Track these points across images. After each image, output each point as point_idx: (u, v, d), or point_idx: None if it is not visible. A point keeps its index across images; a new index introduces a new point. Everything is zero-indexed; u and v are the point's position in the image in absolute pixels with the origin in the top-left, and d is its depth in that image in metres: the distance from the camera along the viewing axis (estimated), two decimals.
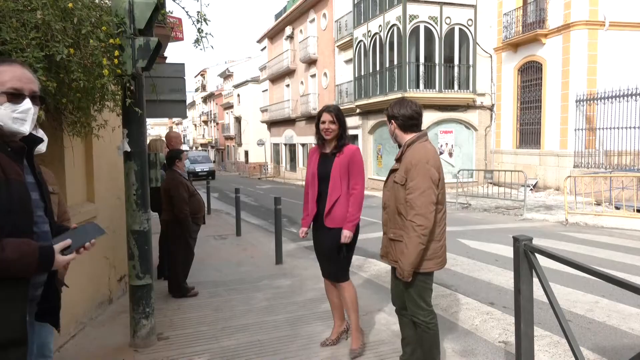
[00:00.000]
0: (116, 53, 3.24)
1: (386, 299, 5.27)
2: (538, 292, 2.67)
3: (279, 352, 3.72)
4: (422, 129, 3.13)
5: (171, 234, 5.33)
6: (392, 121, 3.02)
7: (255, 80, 41.87)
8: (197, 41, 3.81)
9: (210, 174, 34.43)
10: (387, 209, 3.04)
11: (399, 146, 3.06)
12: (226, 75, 50.69)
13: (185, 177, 5.32)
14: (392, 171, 3.02)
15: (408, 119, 2.97)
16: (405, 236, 2.82)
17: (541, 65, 16.51)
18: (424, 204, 2.76)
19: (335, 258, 3.57)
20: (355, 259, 7.22)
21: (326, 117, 3.53)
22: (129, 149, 3.71)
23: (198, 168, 34.07)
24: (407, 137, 2.98)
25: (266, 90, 38.51)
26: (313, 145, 3.79)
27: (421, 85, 18.35)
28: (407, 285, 2.95)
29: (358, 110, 22.05)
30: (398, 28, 18.35)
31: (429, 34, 18.26)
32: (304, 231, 3.77)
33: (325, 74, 26.82)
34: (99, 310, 4.68)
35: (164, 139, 6.34)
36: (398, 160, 2.99)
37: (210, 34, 3.82)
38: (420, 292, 2.95)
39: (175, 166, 5.31)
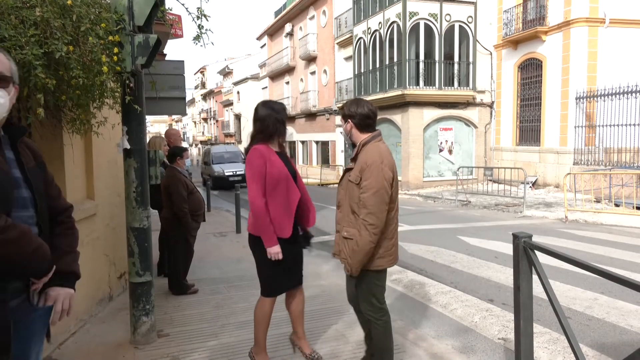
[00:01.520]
0: (115, 50, 3.24)
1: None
2: (537, 289, 2.68)
3: (279, 349, 3.73)
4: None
5: (171, 231, 5.33)
6: (349, 120, 3.02)
7: (255, 77, 41.82)
8: (197, 37, 3.81)
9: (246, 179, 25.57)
10: (341, 207, 3.04)
11: (354, 146, 3.09)
12: (226, 73, 50.63)
13: (184, 175, 5.32)
14: (347, 170, 3.03)
15: (365, 118, 2.97)
16: (357, 234, 2.83)
17: (541, 62, 16.49)
18: (377, 203, 2.78)
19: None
20: None
21: None
22: (128, 146, 3.71)
23: (227, 170, 22.49)
24: (363, 136, 2.99)
25: (266, 87, 38.47)
26: (257, 145, 3.21)
27: (421, 83, 18.33)
28: (358, 283, 3.00)
29: None
30: (398, 25, 18.31)
31: (429, 31, 18.23)
32: (279, 252, 3.14)
33: (325, 71, 26.80)
34: (99, 308, 4.69)
35: (163, 136, 6.34)
36: (353, 159, 3.00)
37: (210, 29, 3.81)
38: (372, 289, 2.99)
39: (175, 163, 5.32)
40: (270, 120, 3.22)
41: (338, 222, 3.07)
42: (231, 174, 22.08)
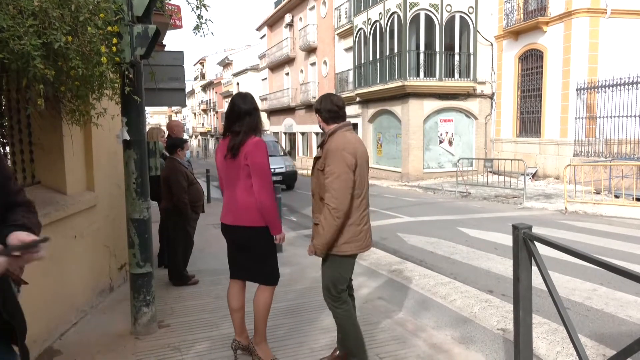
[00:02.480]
0: (114, 41, 3.22)
1: (385, 286, 5.31)
2: (537, 280, 2.68)
3: (279, 339, 3.75)
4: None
5: (170, 222, 5.34)
6: (318, 114, 3.18)
7: (255, 68, 41.66)
8: (196, 27, 3.79)
9: (289, 178, 16.66)
10: (314, 196, 3.16)
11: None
12: (225, 64, 50.42)
13: (184, 166, 5.32)
14: (317, 159, 3.14)
15: (328, 112, 3.11)
16: (322, 217, 2.93)
17: (542, 53, 16.42)
18: (340, 187, 2.87)
19: None
20: None
21: None
22: (128, 138, 3.70)
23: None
24: (330, 127, 3.12)
25: (265, 78, 38.33)
26: (258, 137, 3.28)
27: (421, 74, 18.27)
28: (323, 267, 3.10)
29: (358, 99, 21.97)
30: (398, 15, 18.21)
31: (429, 21, 18.13)
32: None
33: (325, 62, 26.68)
34: (100, 299, 4.71)
35: (161, 127, 6.34)
36: (321, 148, 3.12)
37: (209, 20, 3.79)
38: (333, 275, 3.05)
39: (175, 154, 5.32)
40: (258, 115, 3.31)
41: (313, 211, 3.18)
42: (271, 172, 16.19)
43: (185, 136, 59.45)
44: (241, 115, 3.24)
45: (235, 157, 3.18)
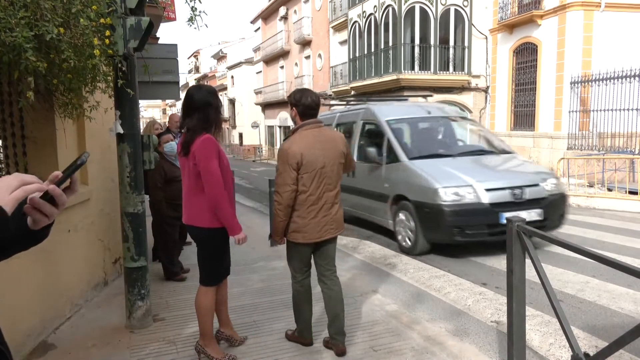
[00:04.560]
0: (107, 33, 3.19)
1: (379, 280, 5.33)
2: (530, 272, 2.70)
3: (274, 332, 3.76)
4: None
5: (152, 216, 5.38)
6: (294, 108, 3.24)
7: (249, 61, 41.47)
8: (190, 20, 3.76)
9: (552, 210, 6.13)
10: None
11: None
12: (220, 57, 50.15)
13: (170, 161, 5.22)
14: None
15: (307, 108, 3.21)
16: None
17: (536, 46, 16.42)
18: (279, 183, 3.14)
19: None
20: (350, 241, 7.25)
21: None
22: (121, 131, 3.68)
23: (495, 190, 5.86)
24: (298, 124, 3.24)
25: (260, 71, 38.17)
26: (207, 135, 3.06)
27: (416, 67, 18.24)
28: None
29: (353, 92, 21.92)
30: (393, 8, 18.15)
31: (424, 14, 18.08)
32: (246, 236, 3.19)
33: (319, 56, 26.59)
34: (94, 292, 4.70)
35: (156, 121, 6.31)
36: None
37: (204, 11, 3.76)
38: (290, 255, 3.41)
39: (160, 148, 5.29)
40: (211, 110, 3.11)
41: None
42: (509, 198, 5.97)
43: None
44: (191, 111, 3.09)
45: (187, 156, 3.05)
